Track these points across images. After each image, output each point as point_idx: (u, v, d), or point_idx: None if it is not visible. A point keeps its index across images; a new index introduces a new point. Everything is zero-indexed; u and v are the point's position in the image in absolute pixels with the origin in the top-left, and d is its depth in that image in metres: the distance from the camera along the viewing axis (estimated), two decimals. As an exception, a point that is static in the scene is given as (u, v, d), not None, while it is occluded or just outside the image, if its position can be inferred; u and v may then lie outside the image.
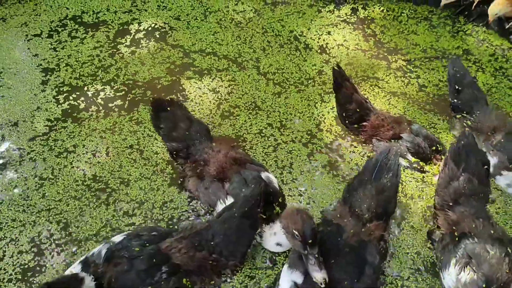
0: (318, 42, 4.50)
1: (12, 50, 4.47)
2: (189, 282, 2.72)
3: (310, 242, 2.60)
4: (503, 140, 3.36)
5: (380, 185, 2.97)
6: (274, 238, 2.98)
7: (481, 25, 4.56)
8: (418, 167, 3.42)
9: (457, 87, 3.69)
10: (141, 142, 3.72)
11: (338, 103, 3.68)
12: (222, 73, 4.26)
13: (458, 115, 3.70)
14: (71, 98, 4.04)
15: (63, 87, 4.13)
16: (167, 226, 3.20)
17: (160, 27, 4.68)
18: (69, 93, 4.08)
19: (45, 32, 4.63)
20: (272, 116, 3.88)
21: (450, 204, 2.98)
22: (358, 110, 3.58)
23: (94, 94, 4.07)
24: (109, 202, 3.35)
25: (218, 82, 4.18)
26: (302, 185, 3.45)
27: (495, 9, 4.40)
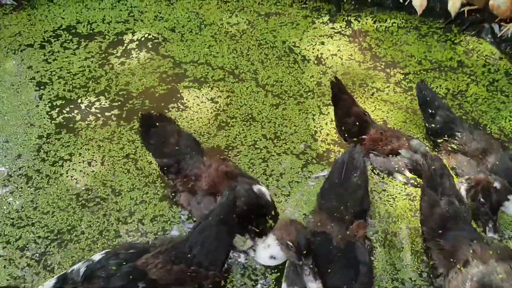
0: (313, 53, 4.42)
1: (6, 61, 4.37)
2: None
3: (305, 253, 2.59)
4: (498, 163, 3.20)
5: (351, 184, 2.98)
6: (268, 250, 2.90)
7: (473, 33, 4.50)
8: (416, 183, 3.32)
9: (430, 111, 3.55)
10: (138, 151, 3.63)
11: (337, 116, 3.59)
12: (220, 83, 4.17)
13: (439, 140, 3.54)
14: (65, 112, 3.93)
15: (57, 101, 4.01)
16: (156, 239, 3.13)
17: (153, 38, 4.60)
18: (62, 106, 3.97)
19: (37, 42, 4.53)
20: (266, 127, 3.80)
21: (439, 232, 2.85)
22: (357, 123, 3.48)
23: (88, 106, 3.96)
24: (97, 212, 3.26)
25: (217, 92, 4.09)
26: (290, 193, 3.38)
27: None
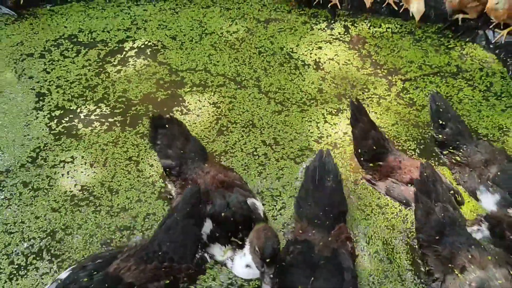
0: (311, 57, 4.38)
1: (7, 71, 4.31)
2: None
3: (268, 261, 2.55)
4: (500, 174, 3.15)
5: (327, 189, 2.96)
6: (244, 259, 2.82)
7: (467, 39, 4.49)
8: None
9: (441, 122, 3.51)
10: (141, 154, 3.61)
11: (355, 138, 3.46)
12: (222, 88, 4.12)
13: (445, 151, 3.50)
14: (64, 122, 3.86)
15: (56, 111, 3.94)
16: (143, 237, 3.09)
17: (153, 45, 4.55)
18: (61, 117, 3.90)
19: (38, 52, 4.48)
20: (265, 132, 3.75)
21: (436, 238, 2.80)
22: (375, 147, 3.35)
23: (88, 114, 3.90)
24: (90, 211, 3.25)
25: (219, 97, 4.05)
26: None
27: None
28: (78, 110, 3.97)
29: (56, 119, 3.89)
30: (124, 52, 4.51)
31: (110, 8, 5.01)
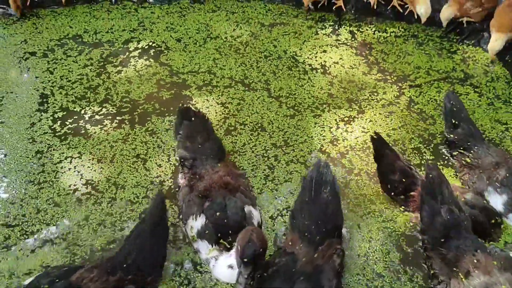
0: (316, 61, 4.31)
1: (12, 70, 4.23)
2: None
3: (245, 261, 2.51)
4: (508, 176, 3.09)
5: (322, 201, 2.81)
6: (229, 259, 2.75)
7: (472, 42, 4.44)
8: None
9: (454, 122, 3.44)
10: (149, 152, 3.57)
11: (380, 173, 3.26)
12: (230, 90, 4.05)
13: (454, 152, 3.43)
14: (68, 123, 3.78)
15: (60, 112, 3.86)
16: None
17: (156, 46, 4.46)
18: (65, 118, 3.82)
19: (40, 51, 4.39)
20: (275, 136, 3.69)
21: (442, 240, 2.73)
22: (404, 180, 3.13)
23: (92, 116, 3.83)
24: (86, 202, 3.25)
25: (227, 98, 3.99)
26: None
27: (446, 13, 4.38)
28: (82, 111, 3.88)
29: (59, 121, 3.80)
30: (127, 52, 4.41)
31: (117, 10, 4.91)
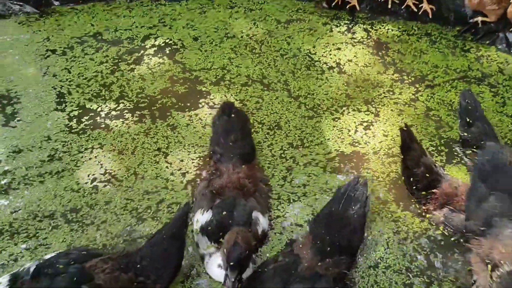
0: (331, 59, 4.26)
1: (33, 68, 4.22)
2: None
3: (232, 265, 2.48)
4: None
5: (346, 216, 2.74)
6: (218, 259, 2.71)
7: (487, 42, 4.38)
8: None
9: (468, 120, 3.38)
10: (170, 146, 3.55)
11: (405, 167, 3.20)
12: (249, 88, 4.02)
13: (468, 151, 3.38)
14: (84, 120, 3.77)
15: (77, 110, 3.85)
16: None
17: (172, 43, 4.42)
18: (82, 115, 3.81)
19: (61, 49, 4.38)
20: (291, 135, 3.64)
21: (481, 228, 2.61)
22: (428, 175, 3.09)
23: (108, 112, 3.82)
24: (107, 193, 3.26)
25: (245, 96, 3.96)
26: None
27: None
28: (99, 109, 3.86)
29: (75, 119, 3.79)
30: (142, 50, 4.38)
31: (138, 7, 4.89)
